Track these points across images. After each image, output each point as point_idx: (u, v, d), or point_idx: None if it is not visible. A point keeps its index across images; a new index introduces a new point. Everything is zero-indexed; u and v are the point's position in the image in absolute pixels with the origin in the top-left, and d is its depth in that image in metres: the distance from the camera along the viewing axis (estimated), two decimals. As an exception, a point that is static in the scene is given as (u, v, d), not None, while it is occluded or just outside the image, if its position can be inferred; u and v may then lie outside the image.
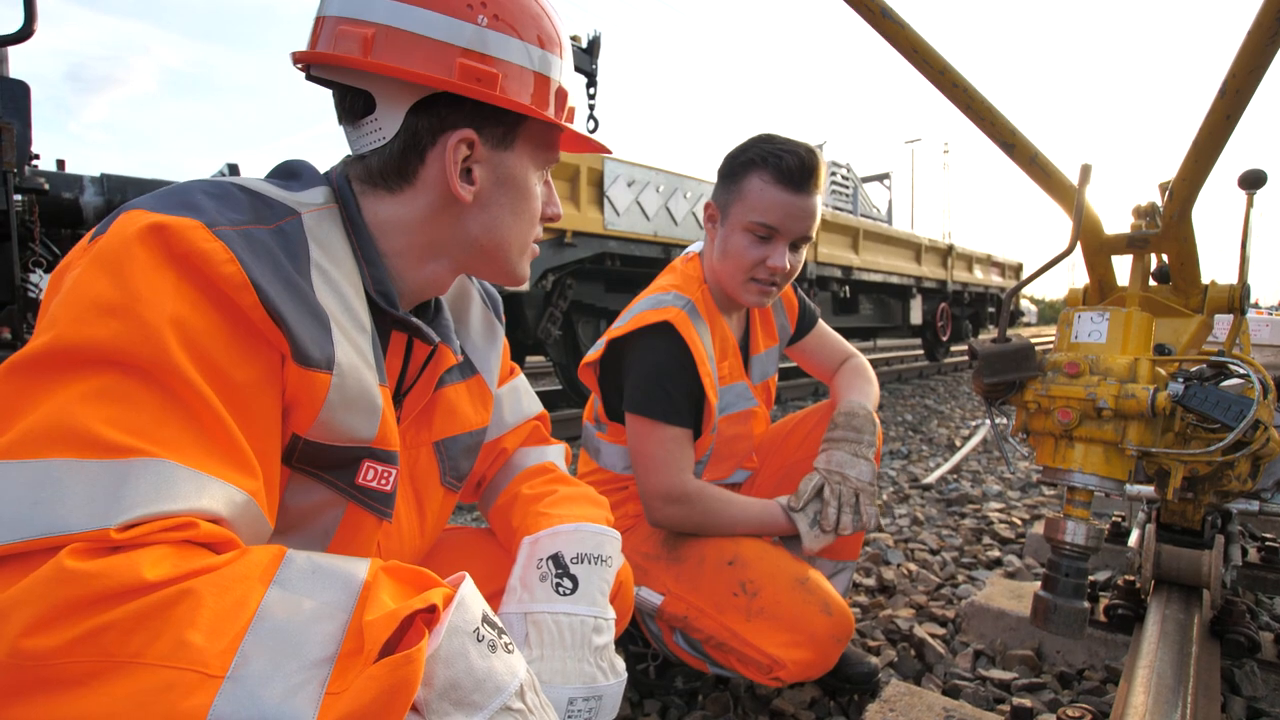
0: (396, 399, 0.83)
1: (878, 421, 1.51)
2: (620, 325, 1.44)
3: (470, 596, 0.61)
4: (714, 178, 1.47)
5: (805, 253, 1.44)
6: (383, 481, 0.77)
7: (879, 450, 1.59)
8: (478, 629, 0.59)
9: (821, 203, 1.38)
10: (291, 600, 0.53)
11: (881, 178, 12.90)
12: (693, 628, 1.34)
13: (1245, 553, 2.08)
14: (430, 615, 0.57)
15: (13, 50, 3.02)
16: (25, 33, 2.88)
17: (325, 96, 0.81)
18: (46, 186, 3.05)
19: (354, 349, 0.70)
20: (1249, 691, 1.42)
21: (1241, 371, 1.11)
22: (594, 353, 1.51)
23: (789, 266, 1.38)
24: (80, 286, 0.57)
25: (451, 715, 0.56)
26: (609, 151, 0.92)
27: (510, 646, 0.62)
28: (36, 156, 3.12)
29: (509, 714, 0.59)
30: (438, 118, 0.74)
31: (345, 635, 0.52)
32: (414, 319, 0.79)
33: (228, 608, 0.50)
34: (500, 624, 0.63)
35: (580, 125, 0.85)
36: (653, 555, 1.43)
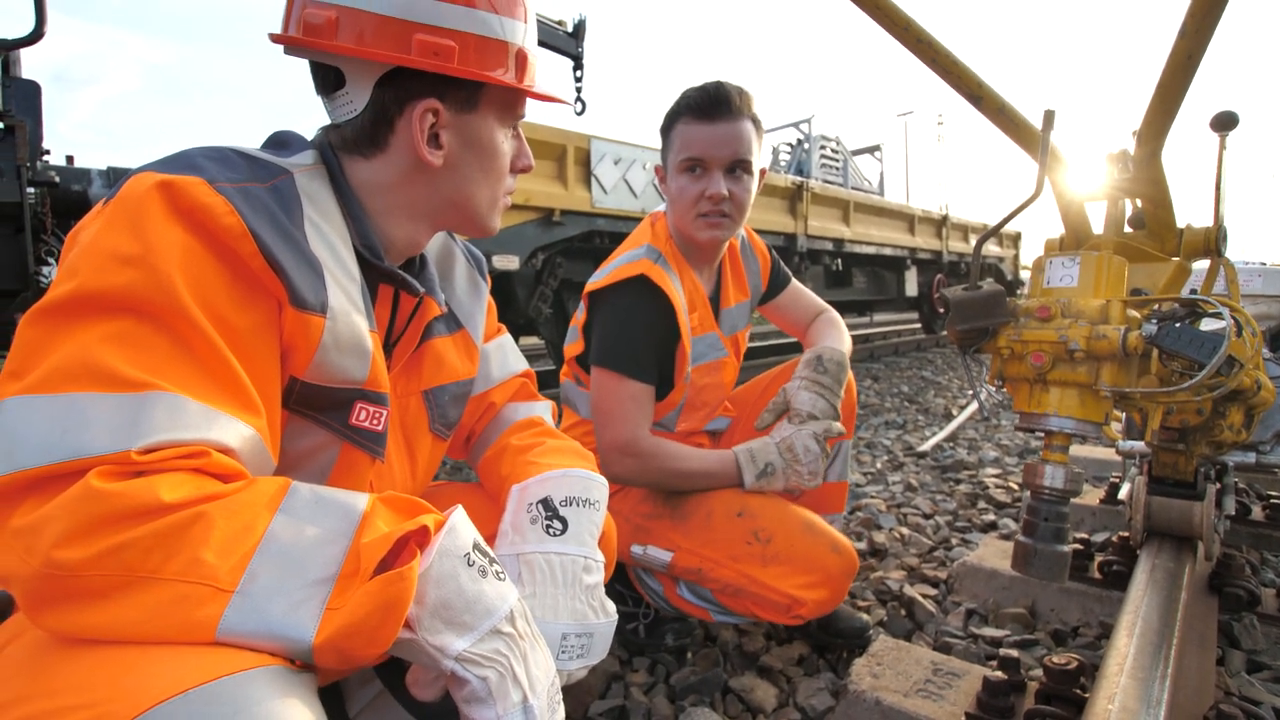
0: (386, 349, 0.88)
1: (849, 368, 1.53)
2: (596, 280, 1.48)
3: (462, 524, 0.65)
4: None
5: (752, 182, 1.46)
6: (375, 422, 0.81)
7: (853, 400, 1.60)
8: (468, 554, 0.63)
9: (750, 128, 1.41)
10: (296, 526, 0.58)
11: (872, 150, 12.77)
12: (708, 579, 1.39)
13: (1248, 510, 2.04)
14: (423, 539, 0.61)
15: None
16: (37, 34, 3.03)
17: (306, 93, 0.92)
18: (57, 180, 3.17)
19: (345, 295, 0.75)
20: (1249, 645, 1.41)
21: (1214, 310, 1.11)
22: (581, 315, 1.55)
23: (728, 192, 1.42)
24: (99, 239, 0.62)
25: (443, 633, 0.60)
26: (570, 103, 0.98)
27: (501, 575, 0.66)
28: (47, 152, 3.27)
29: (499, 637, 0.63)
30: (402, 90, 0.79)
31: (345, 558, 0.57)
32: (400, 271, 0.85)
33: (237, 530, 0.56)
34: (491, 553, 0.67)
35: (562, 95, 0.90)
36: (654, 514, 1.45)
